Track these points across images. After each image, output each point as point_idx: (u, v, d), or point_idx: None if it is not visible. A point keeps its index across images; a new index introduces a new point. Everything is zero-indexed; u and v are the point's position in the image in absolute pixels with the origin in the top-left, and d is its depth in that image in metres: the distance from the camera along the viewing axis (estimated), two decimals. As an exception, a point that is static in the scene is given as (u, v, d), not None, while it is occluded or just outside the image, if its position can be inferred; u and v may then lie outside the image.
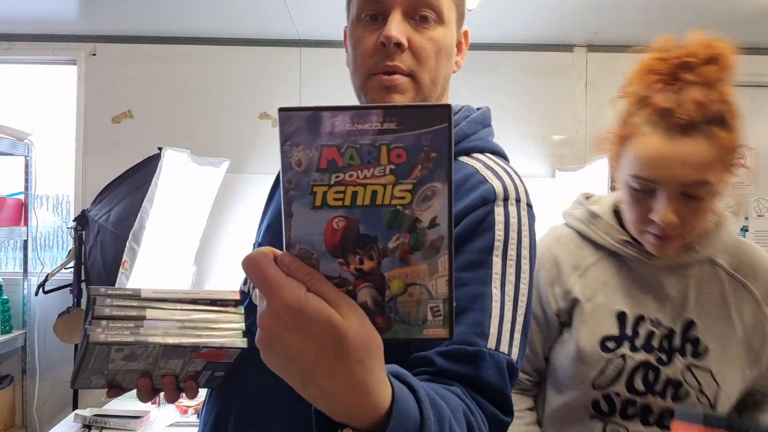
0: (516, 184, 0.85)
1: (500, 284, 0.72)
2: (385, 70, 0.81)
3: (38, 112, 2.97)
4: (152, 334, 0.74)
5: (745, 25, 2.63)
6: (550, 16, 2.56)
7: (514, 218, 0.78)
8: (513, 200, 0.81)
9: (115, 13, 2.59)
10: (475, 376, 0.66)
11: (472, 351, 0.66)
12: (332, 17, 2.60)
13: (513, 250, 0.75)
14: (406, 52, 0.81)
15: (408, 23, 0.81)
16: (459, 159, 0.87)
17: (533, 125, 2.90)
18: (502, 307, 0.71)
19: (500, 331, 0.69)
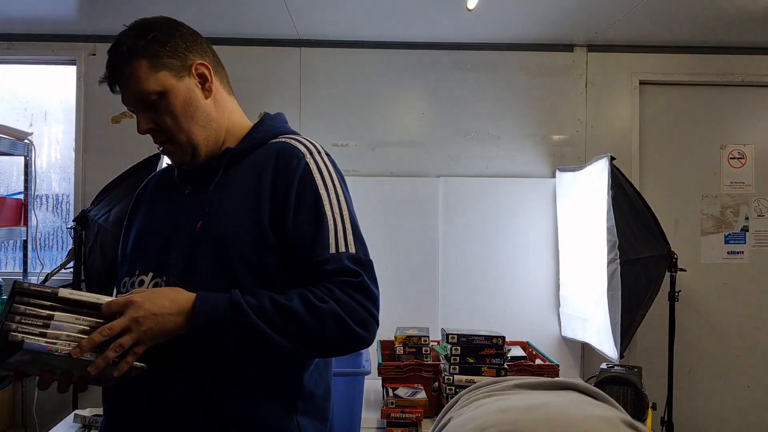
0: (313, 143, 1.14)
1: (329, 206, 1.05)
2: (159, 147, 1.13)
3: (38, 112, 2.97)
4: (57, 336, 0.90)
5: (745, 25, 2.63)
6: (551, 15, 2.56)
7: (321, 163, 1.10)
8: (315, 153, 1.11)
9: (114, 13, 2.58)
10: (323, 273, 1.00)
11: (320, 260, 1.01)
12: (332, 17, 2.60)
13: (329, 182, 1.08)
14: (156, 131, 1.10)
15: (148, 112, 1.09)
16: (272, 141, 1.15)
17: (533, 125, 2.90)
18: (334, 222, 1.04)
19: (336, 238, 1.03)
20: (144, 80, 1.06)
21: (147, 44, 1.08)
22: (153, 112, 1.08)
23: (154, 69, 1.07)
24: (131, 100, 1.09)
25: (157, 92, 1.06)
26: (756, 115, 2.97)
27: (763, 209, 2.94)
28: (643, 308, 2.27)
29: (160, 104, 1.07)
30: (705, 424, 2.89)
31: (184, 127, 1.09)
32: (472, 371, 2.03)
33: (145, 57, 1.07)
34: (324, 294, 0.97)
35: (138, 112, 1.09)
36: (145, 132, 1.10)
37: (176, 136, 1.09)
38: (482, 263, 2.79)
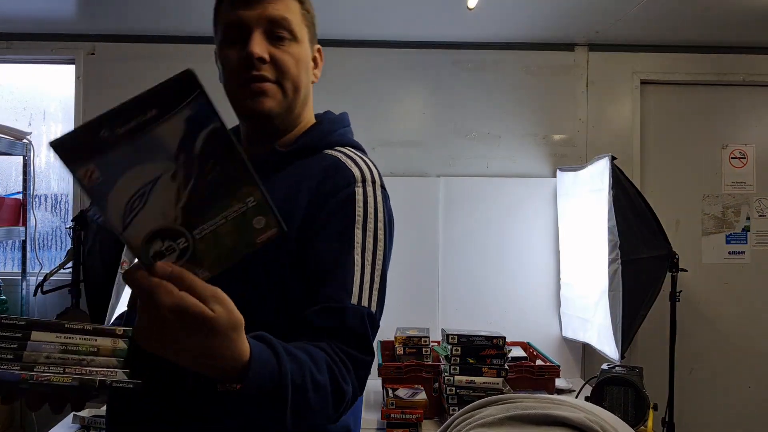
0: (371, 169, 0.99)
1: (361, 251, 0.91)
2: (253, 79, 0.95)
3: (37, 112, 2.96)
4: (35, 357, 0.76)
5: (745, 25, 2.62)
6: (551, 15, 2.55)
7: (371, 197, 0.95)
8: (369, 182, 0.96)
9: (114, 13, 2.58)
10: (341, 326, 0.85)
11: (337, 306, 0.86)
12: (332, 17, 2.59)
13: (371, 223, 0.93)
14: (268, 65, 0.95)
15: (268, 42, 0.96)
16: (324, 152, 1.02)
17: (534, 125, 2.89)
18: (362, 270, 0.90)
19: (361, 289, 0.88)
20: (292, 13, 0.98)
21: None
22: (274, 47, 0.96)
23: (302, 18, 1.00)
24: (261, 18, 0.95)
25: (293, 33, 0.97)
26: (757, 114, 2.96)
27: (764, 209, 2.93)
28: (644, 308, 2.26)
29: (287, 44, 0.97)
30: (706, 425, 2.88)
31: (298, 78, 0.99)
32: (473, 372, 2.02)
33: (301, 4, 1.00)
34: (346, 373, 0.84)
35: (254, 33, 0.95)
36: (258, 56, 0.93)
37: (286, 82, 0.97)
38: (482, 263, 2.78)
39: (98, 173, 0.55)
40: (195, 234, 0.59)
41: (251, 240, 0.61)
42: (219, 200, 0.58)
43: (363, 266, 0.90)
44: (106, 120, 0.53)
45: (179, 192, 0.58)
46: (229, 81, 0.99)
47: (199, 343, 0.61)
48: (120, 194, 0.56)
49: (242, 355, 0.67)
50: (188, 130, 0.55)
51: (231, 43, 0.98)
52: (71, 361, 0.79)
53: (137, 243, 0.58)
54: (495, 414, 0.72)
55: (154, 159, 0.56)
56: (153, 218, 0.58)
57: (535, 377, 2.19)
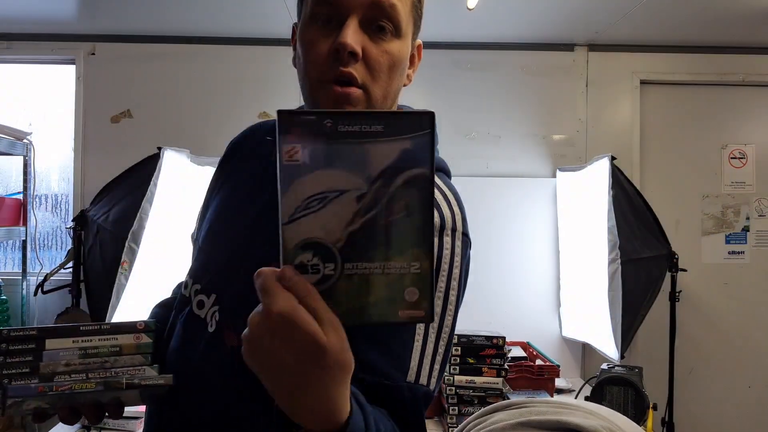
0: (454, 212, 0.82)
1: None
2: (338, 77, 0.77)
3: (37, 112, 2.96)
4: (53, 367, 0.72)
5: (745, 25, 2.62)
6: (551, 15, 2.55)
7: (447, 250, 0.78)
8: (449, 230, 0.79)
9: (114, 13, 2.58)
10: (392, 408, 0.70)
11: (390, 385, 0.71)
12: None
13: (442, 283, 0.77)
14: (360, 63, 0.78)
15: (364, 32, 0.78)
16: None
17: (533, 125, 2.89)
18: (424, 341, 0.74)
19: (420, 365, 0.74)
20: (402, 2, 0.80)
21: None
22: (371, 40, 0.79)
23: (411, 9, 0.82)
24: (362, 3, 0.77)
25: (398, 26, 0.80)
26: (757, 114, 2.96)
27: (764, 209, 2.93)
28: (643, 308, 2.26)
29: (388, 39, 0.79)
30: (706, 425, 2.89)
31: (389, 84, 0.81)
32: (473, 372, 2.02)
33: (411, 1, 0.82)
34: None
35: (349, 21, 0.77)
36: (351, 50, 0.75)
37: (375, 87, 0.79)
38: (482, 263, 2.78)
39: (301, 155, 0.52)
40: (346, 267, 0.53)
41: (394, 310, 0.53)
42: (387, 247, 0.53)
43: (426, 336, 0.75)
44: (335, 115, 0.52)
45: (356, 216, 0.52)
46: (308, 72, 0.81)
47: (304, 371, 0.50)
48: (305, 186, 0.52)
49: (341, 409, 0.54)
50: (398, 161, 0.52)
51: (320, 24, 0.79)
52: (93, 365, 0.74)
53: (291, 243, 0.53)
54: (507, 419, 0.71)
55: (353, 171, 0.52)
56: (319, 227, 0.53)
57: (535, 377, 2.19)
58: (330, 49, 0.77)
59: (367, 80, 0.78)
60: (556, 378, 2.23)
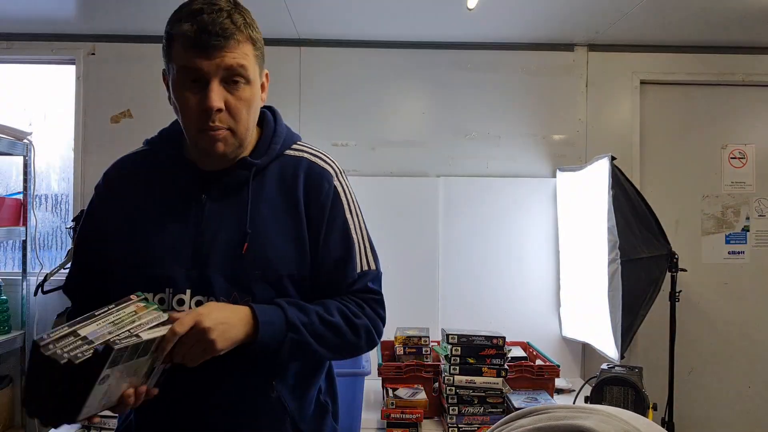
0: (333, 161, 1.22)
1: (354, 232, 1.17)
2: (210, 128, 1.04)
3: (37, 112, 2.96)
4: (102, 339, 0.86)
5: (745, 25, 2.62)
6: (551, 15, 2.55)
7: (346, 186, 1.20)
8: (340, 173, 1.20)
9: (114, 13, 2.58)
10: (353, 291, 1.15)
11: (350, 280, 1.15)
12: (332, 17, 2.60)
13: (353, 205, 1.19)
14: (224, 113, 1.04)
15: (223, 88, 1.04)
16: (286, 153, 1.18)
17: (533, 125, 2.89)
18: (359, 244, 1.17)
19: (363, 258, 1.18)
20: (247, 59, 1.05)
21: (257, 35, 1.08)
22: (229, 93, 1.05)
23: (256, 59, 1.09)
24: (219, 68, 1.02)
25: (247, 77, 1.06)
26: (757, 114, 2.96)
27: (764, 209, 2.93)
28: (643, 308, 2.26)
29: (241, 90, 1.06)
30: (706, 425, 2.89)
31: (248, 120, 1.09)
32: (473, 372, 2.02)
33: (252, 44, 1.07)
34: (357, 309, 1.13)
35: (212, 84, 1.03)
36: (216, 108, 1.02)
37: (239, 127, 1.07)
38: (482, 263, 2.78)
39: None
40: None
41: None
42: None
43: (358, 241, 1.17)
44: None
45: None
46: (185, 122, 1.07)
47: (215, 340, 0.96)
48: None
49: (243, 314, 1.01)
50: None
51: (188, 85, 1.04)
52: (126, 331, 0.89)
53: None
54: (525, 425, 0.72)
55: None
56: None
57: (535, 377, 2.19)
58: (200, 107, 1.03)
59: (232, 123, 1.06)
60: (556, 378, 2.23)
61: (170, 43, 1.06)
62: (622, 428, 0.67)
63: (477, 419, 2.00)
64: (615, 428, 0.66)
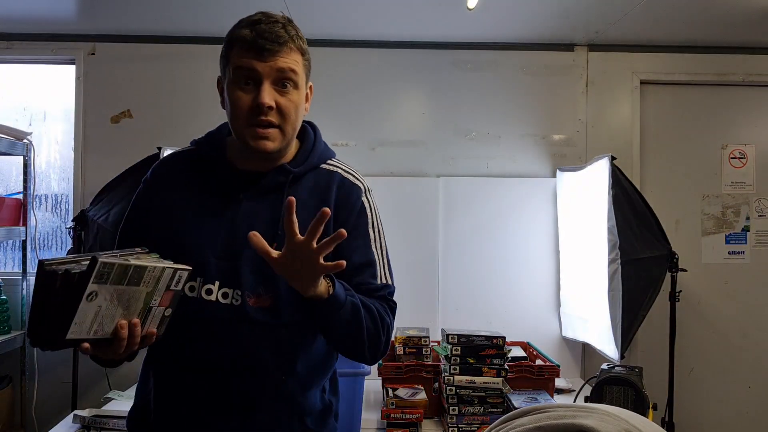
0: (363, 179, 1.31)
1: (375, 246, 1.25)
2: (260, 124, 1.13)
3: (37, 112, 2.96)
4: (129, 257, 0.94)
5: (745, 25, 2.62)
6: (551, 15, 2.55)
7: (372, 203, 1.29)
8: (368, 191, 1.29)
9: (114, 13, 2.58)
10: (376, 296, 1.21)
11: (372, 286, 1.22)
12: (332, 17, 2.60)
13: (376, 222, 1.28)
14: (274, 111, 1.13)
15: (274, 89, 1.13)
16: (324, 166, 1.28)
17: (533, 125, 2.89)
18: (380, 259, 1.25)
19: (382, 273, 1.24)
20: (296, 65, 1.16)
21: (305, 47, 1.21)
22: (279, 95, 1.14)
23: (304, 68, 1.19)
24: (272, 70, 1.13)
25: (296, 82, 1.15)
26: (757, 114, 2.96)
27: (764, 209, 2.93)
28: (643, 308, 2.26)
29: (290, 92, 1.15)
30: (706, 425, 2.89)
31: (295, 121, 1.17)
32: (473, 372, 2.02)
33: (302, 54, 1.19)
34: (386, 312, 1.21)
35: (265, 84, 1.12)
36: (268, 105, 1.11)
37: (287, 126, 1.15)
38: (482, 263, 2.78)
39: None
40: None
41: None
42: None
43: (379, 257, 1.25)
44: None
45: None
46: (236, 119, 1.15)
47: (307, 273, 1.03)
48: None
49: (325, 289, 1.08)
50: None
51: (242, 85, 1.14)
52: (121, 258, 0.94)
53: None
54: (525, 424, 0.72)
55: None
56: None
57: (535, 377, 2.19)
58: (253, 103, 1.12)
59: (280, 121, 1.15)
60: (556, 378, 2.23)
61: (230, 47, 1.16)
62: (622, 427, 0.67)
63: (477, 419, 2.00)
64: (615, 427, 0.67)
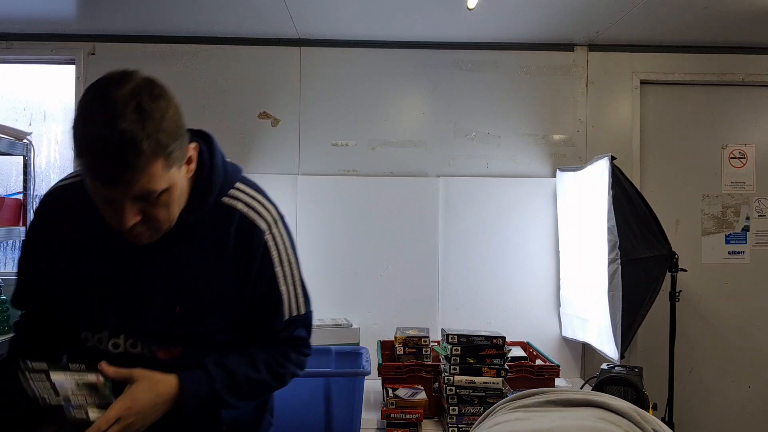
0: (268, 208, 1.18)
1: (284, 280, 1.18)
2: (129, 233, 1.02)
3: (37, 112, 2.96)
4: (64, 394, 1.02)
5: (745, 25, 2.62)
6: (551, 15, 2.55)
7: (278, 237, 1.18)
8: (272, 224, 1.17)
9: (114, 13, 2.58)
10: (280, 339, 1.20)
11: (277, 328, 1.19)
12: (332, 17, 2.60)
13: (284, 255, 1.18)
14: (140, 222, 1.00)
15: (137, 203, 0.97)
16: (223, 201, 1.13)
17: (534, 125, 2.89)
18: (288, 294, 1.18)
19: (290, 306, 1.19)
20: (157, 180, 0.96)
21: (166, 140, 0.95)
22: (146, 204, 0.98)
23: (168, 167, 0.97)
24: (127, 193, 0.95)
25: (161, 189, 0.98)
26: (757, 114, 2.96)
27: (764, 209, 2.93)
28: (643, 308, 2.26)
29: (159, 198, 0.99)
30: (706, 424, 2.89)
31: (172, 215, 1.04)
32: (473, 372, 2.02)
33: (162, 158, 0.95)
34: (283, 359, 1.19)
35: (124, 207, 0.96)
36: (130, 227, 0.98)
37: (161, 225, 1.03)
38: (482, 263, 2.78)
39: None
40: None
41: None
42: None
43: (288, 292, 1.19)
44: None
45: None
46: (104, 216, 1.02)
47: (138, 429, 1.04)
48: None
49: (169, 395, 1.06)
50: None
51: (100, 201, 0.99)
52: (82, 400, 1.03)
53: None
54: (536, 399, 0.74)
55: None
56: None
57: (535, 377, 2.19)
58: (115, 222, 0.99)
59: (152, 225, 1.02)
60: (556, 378, 2.23)
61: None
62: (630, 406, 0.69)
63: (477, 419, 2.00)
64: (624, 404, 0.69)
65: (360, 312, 2.70)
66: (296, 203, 2.76)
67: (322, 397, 1.96)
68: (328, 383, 1.97)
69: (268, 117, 2.84)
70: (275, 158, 2.83)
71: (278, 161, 2.83)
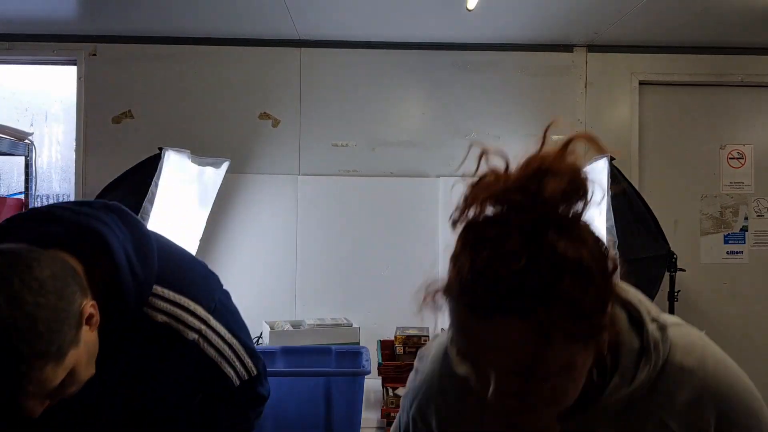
0: (194, 310, 1.06)
1: (227, 363, 1.09)
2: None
3: (38, 112, 2.97)
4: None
5: (744, 25, 2.63)
6: (550, 16, 2.56)
7: (212, 333, 1.07)
8: (202, 327, 1.06)
9: (115, 13, 2.58)
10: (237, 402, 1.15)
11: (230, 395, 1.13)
12: (332, 17, 2.60)
13: (222, 342, 1.09)
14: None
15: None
16: (145, 312, 1.01)
17: (533, 125, 2.90)
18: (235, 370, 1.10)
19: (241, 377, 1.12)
20: (59, 379, 0.86)
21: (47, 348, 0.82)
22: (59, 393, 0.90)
23: (60, 364, 0.85)
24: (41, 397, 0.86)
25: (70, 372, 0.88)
26: (755, 115, 2.97)
27: (762, 209, 2.94)
28: (642, 308, 2.27)
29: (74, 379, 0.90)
30: (704, 424, 2.89)
31: (82, 381, 0.92)
32: (472, 371, 2.03)
33: (51, 359, 0.83)
34: (243, 422, 1.17)
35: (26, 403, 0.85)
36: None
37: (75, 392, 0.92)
38: (482, 263, 2.79)
39: None
40: None
41: None
42: None
43: (235, 368, 1.10)
44: None
45: None
46: None
47: None
48: None
49: None
50: None
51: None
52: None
53: None
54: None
55: None
56: None
57: (534, 376, 2.19)
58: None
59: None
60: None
61: None
62: None
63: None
64: None
65: (360, 312, 2.71)
66: (296, 203, 2.77)
67: (322, 396, 1.97)
68: (328, 382, 1.98)
69: (269, 117, 2.85)
70: (276, 158, 2.84)
71: (279, 161, 2.84)
